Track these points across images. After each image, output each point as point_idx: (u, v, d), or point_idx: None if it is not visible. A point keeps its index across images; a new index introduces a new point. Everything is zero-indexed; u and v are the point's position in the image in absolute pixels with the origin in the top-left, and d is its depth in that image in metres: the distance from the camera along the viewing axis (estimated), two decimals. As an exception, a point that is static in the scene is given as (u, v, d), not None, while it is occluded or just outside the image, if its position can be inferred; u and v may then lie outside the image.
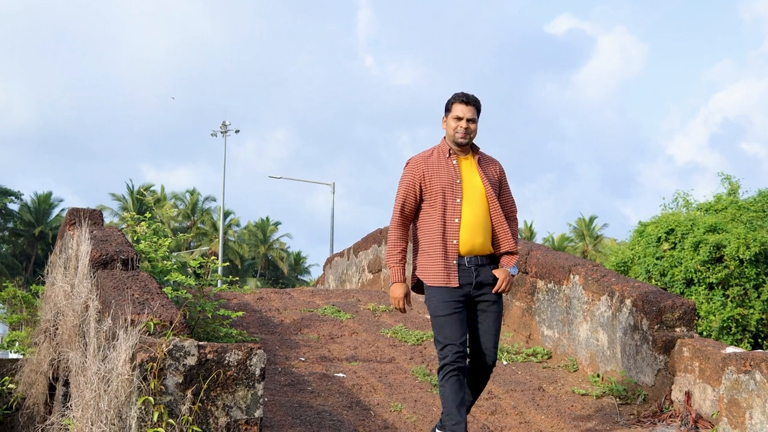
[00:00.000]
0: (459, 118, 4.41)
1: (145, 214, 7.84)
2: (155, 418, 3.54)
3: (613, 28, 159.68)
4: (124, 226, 8.35)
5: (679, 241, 9.40)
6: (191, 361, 3.65)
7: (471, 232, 4.33)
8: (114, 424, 3.81)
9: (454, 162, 4.44)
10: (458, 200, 4.35)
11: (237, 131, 38.53)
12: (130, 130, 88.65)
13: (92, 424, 3.95)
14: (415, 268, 4.49)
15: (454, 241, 4.32)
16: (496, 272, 4.40)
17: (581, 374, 6.55)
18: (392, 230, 4.48)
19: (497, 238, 4.43)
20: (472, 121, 4.42)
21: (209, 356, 3.68)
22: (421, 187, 4.40)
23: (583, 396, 6.05)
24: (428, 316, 8.53)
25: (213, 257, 7.57)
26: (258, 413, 3.76)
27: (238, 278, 12.14)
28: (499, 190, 4.56)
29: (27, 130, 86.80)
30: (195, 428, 3.60)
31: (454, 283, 4.29)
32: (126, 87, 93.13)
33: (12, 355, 8.60)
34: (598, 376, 6.38)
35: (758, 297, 8.88)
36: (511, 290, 4.71)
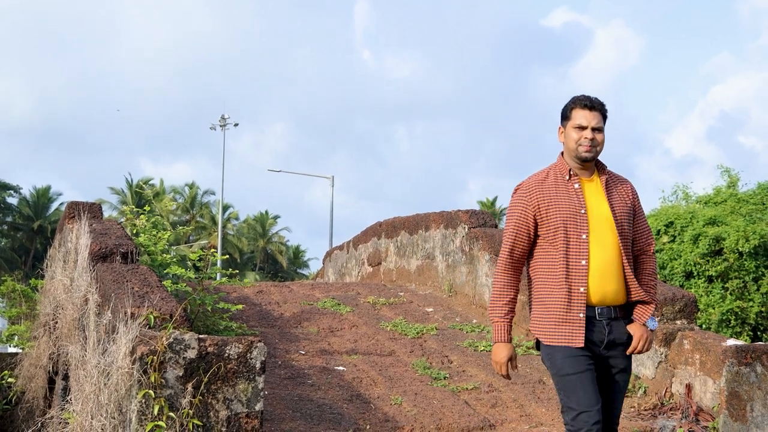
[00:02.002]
0: (582, 127, 3.57)
1: (144, 208, 7.83)
2: (156, 412, 3.54)
3: (610, 21, 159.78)
4: (123, 219, 8.34)
5: (679, 234, 9.40)
6: (191, 354, 3.64)
7: (602, 277, 3.48)
8: (114, 418, 3.81)
9: (576, 186, 3.57)
10: (584, 236, 3.48)
11: (236, 125, 38.52)
12: (128, 124, 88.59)
13: (92, 418, 3.95)
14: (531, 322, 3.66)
15: (581, 289, 3.45)
16: (632, 328, 3.52)
17: (581, 367, 6.55)
18: (499, 274, 3.61)
19: (632, 283, 3.55)
20: (599, 130, 3.57)
21: (209, 349, 3.68)
22: (536, 219, 3.55)
23: (583, 389, 6.05)
24: (429, 309, 8.52)
25: (213, 250, 7.57)
26: (258, 406, 3.75)
27: (237, 271, 12.11)
28: (633, 218, 3.66)
29: (26, 124, 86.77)
30: (195, 421, 3.60)
31: (578, 343, 3.42)
32: (124, 81, 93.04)
33: (11, 349, 8.60)
34: (599, 368, 6.38)
35: (757, 290, 8.89)
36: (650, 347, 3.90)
